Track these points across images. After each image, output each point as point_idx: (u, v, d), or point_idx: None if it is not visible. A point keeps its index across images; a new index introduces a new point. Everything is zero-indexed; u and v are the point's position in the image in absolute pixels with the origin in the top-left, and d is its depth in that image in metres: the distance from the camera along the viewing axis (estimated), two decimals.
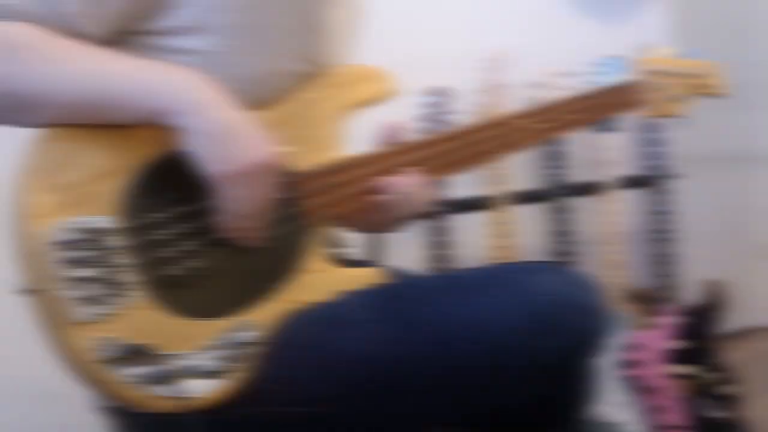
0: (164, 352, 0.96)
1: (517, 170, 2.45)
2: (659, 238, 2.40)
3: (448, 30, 2.29)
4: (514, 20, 2.43)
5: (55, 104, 0.95)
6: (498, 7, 2.39)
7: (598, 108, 1.28)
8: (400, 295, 1.04)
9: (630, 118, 2.64)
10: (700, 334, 2.37)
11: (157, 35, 1.04)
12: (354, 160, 1.13)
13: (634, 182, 2.46)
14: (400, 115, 2.03)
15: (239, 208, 0.99)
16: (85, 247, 0.92)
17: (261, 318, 1.03)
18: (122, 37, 1.04)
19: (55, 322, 0.91)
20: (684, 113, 1.38)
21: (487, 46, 2.17)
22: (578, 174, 2.58)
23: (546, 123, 1.24)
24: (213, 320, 1.00)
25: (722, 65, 1.43)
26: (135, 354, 0.91)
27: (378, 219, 1.18)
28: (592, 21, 2.57)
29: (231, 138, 0.97)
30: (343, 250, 1.32)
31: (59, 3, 0.98)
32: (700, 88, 1.40)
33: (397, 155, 1.15)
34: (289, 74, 1.11)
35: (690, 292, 2.50)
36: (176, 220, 0.99)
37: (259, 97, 1.08)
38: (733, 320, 3.15)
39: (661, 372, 2.25)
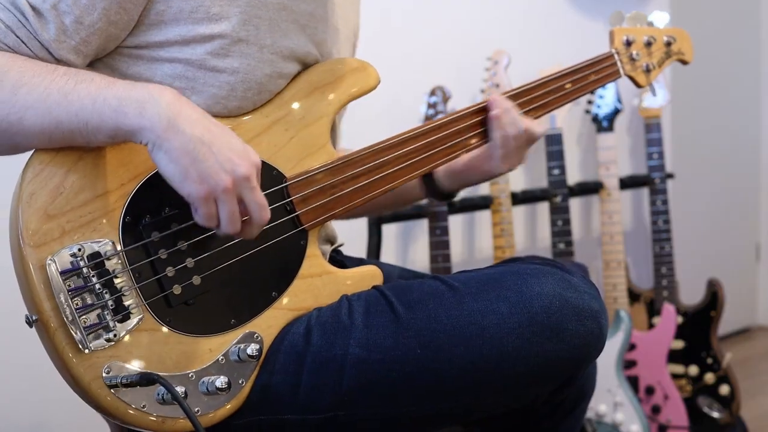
0: (172, 373, 0.94)
1: (517, 170, 2.45)
2: (658, 238, 2.40)
3: (448, 30, 2.30)
4: (513, 20, 2.43)
5: (26, 130, 0.92)
6: (498, 8, 2.39)
7: (579, 82, 1.30)
8: (394, 299, 1.04)
9: (629, 119, 2.65)
10: (700, 334, 2.37)
11: (144, 48, 1.03)
12: (345, 159, 1.12)
13: (634, 182, 2.46)
14: (401, 115, 2.05)
15: (224, 225, 0.93)
16: (86, 273, 0.91)
17: (264, 328, 1.03)
18: (105, 53, 1.03)
19: (60, 351, 0.89)
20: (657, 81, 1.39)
21: (487, 46, 2.17)
22: (578, 174, 2.59)
23: (532, 103, 1.25)
24: (218, 335, 0.99)
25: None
26: (142, 378, 0.89)
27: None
28: (592, 21, 2.57)
29: (204, 153, 0.90)
30: (341, 249, 1.32)
31: (36, 30, 0.95)
32: (673, 55, 1.40)
33: (387, 151, 1.14)
34: (280, 77, 1.09)
35: (690, 292, 2.50)
36: (175, 238, 0.98)
37: (251, 99, 1.07)
38: (733, 320, 3.17)
39: (661, 372, 2.25)
